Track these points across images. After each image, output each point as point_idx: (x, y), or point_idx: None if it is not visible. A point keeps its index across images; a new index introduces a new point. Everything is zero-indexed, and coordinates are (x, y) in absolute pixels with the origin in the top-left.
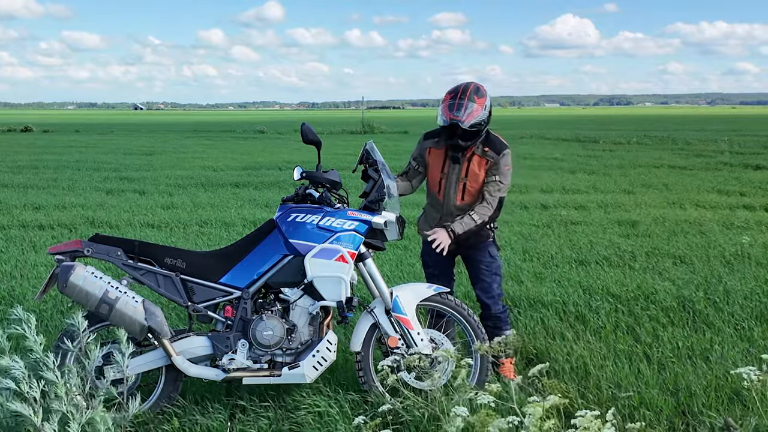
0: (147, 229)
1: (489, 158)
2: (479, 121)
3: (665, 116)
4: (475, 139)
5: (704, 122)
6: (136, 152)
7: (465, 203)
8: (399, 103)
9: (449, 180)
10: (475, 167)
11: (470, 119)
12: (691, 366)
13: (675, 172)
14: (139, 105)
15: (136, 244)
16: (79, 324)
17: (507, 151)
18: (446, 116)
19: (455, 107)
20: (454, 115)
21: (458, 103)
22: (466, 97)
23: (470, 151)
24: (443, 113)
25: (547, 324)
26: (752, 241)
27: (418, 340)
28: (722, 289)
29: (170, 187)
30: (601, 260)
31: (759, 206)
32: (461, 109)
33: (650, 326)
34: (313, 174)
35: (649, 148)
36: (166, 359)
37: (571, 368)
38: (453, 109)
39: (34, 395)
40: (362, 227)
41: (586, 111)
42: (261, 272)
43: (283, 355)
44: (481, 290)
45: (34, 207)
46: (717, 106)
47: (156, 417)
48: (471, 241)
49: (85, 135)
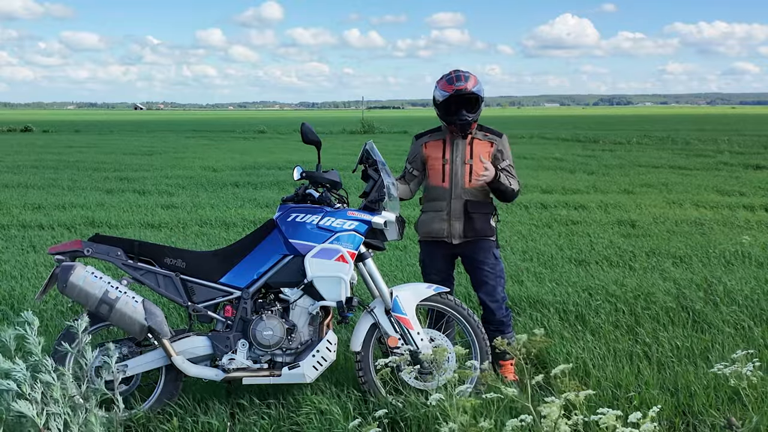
0: (147, 229)
1: (492, 140)
2: (480, 89)
3: (665, 116)
4: (477, 113)
5: (704, 122)
6: (136, 152)
7: (473, 186)
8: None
9: (455, 164)
10: (479, 148)
11: (474, 85)
12: (691, 366)
13: (675, 172)
14: (140, 105)
15: (136, 244)
16: (79, 325)
17: (505, 135)
18: (447, 90)
19: (455, 80)
20: (456, 86)
21: (456, 75)
22: (462, 72)
23: (469, 137)
24: (443, 89)
25: (547, 324)
26: (752, 241)
27: (418, 340)
28: (722, 289)
29: (170, 187)
30: (601, 260)
31: (759, 206)
32: (461, 80)
33: (650, 326)
34: (313, 174)
35: (649, 148)
36: (166, 359)
37: (571, 368)
38: (453, 82)
39: (36, 397)
40: (362, 227)
41: (586, 111)
42: (261, 272)
43: (283, 355)
44: (485, 294)
45: (34, 207)
46: (717, 106)
47: (156, 417)
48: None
49: (85, 135)
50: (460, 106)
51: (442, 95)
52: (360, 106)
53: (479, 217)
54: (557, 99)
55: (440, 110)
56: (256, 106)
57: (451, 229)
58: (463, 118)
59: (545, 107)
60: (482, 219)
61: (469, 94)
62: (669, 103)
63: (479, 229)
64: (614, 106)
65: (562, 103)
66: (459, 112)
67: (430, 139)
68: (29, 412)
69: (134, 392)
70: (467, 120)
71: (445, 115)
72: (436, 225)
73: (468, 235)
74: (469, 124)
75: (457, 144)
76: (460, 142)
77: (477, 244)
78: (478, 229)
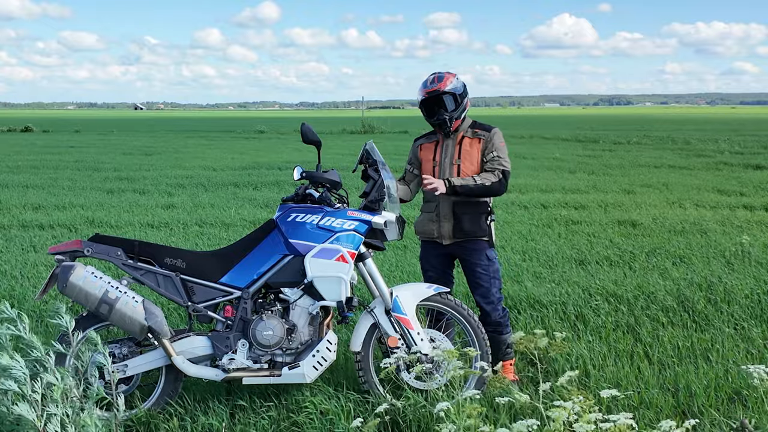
0: (147, 229)
1: (480, 136)
2: (456, 87)
3: (665, 116)
4: (459, 111)
5: (704, 122)
6: (136, 152)
7: None
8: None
9: (443, 165)
10: (468, 147)
11: (447, 85)
12: (691, 366)
13: (675, 171)
14: (140, 105)
15: (136, 244)
16: (68, 324)
17: (496, 129)
18: (422, 93)
19: (429, 82)
20: (429, 87)
21: (431, 78)
22: (437, 74)
23: (460, 135)
24: (420, 93)
25: (547, 324)
26: (752, 241)
27: (418, 340)
28: (722, 289)
29: (170, 187)
30: (601, 260)
31: (759, 206)
32: (434, 81)
33: (650, 326)
34: (313, 174)
35: (649, 148)
36: (166, 359)
37: (570, 368)
38: (428, 84)
39: (36, 397)
40: (362, 227)
41: (586, 111)
42: (261, 272)
43: (283, 355)
44: (480, 296)
45: (34, 207)
46: (717, 106)
47: (156, 416)
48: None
49: (85, 135)
50: (440, 106)
51: (420, 96)
52: (360, 106)
53: (469, 217)
54: (557, 99)
55: (423, 113)
56: (256, 106)
57: (441, 230)
58: (440, 117)
59: (545, 107)
60: (472, 220)
61: (443, 94)
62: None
63: (468, 230)
64: (614, 106)
65: (562, 103)
66: (438, 112)
67: (425, 141)
68: (29, 415)
69: (134, 392)
70: (443, 118)
71: (427, 117)
72: (428, 226)
73: (457, 235)
74: (447, 122)
75: (447, 145)
76: (450, 143)
77: (469, 245)
78: (468, 230)
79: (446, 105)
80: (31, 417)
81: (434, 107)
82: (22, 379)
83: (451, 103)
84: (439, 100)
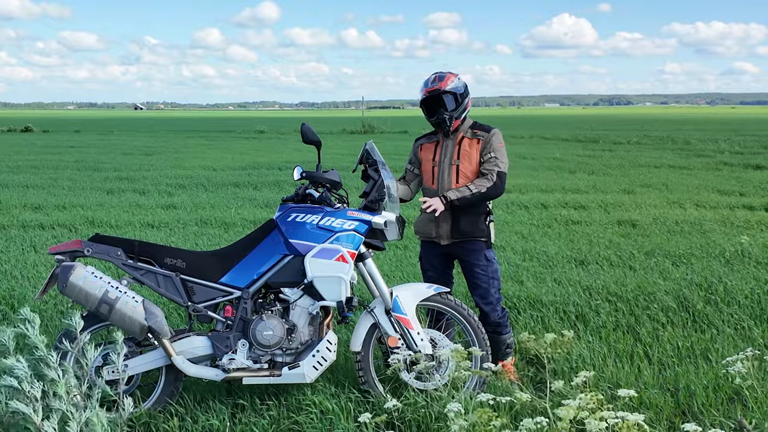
0: (147, 229)
1: (480, 137)
2: (457, 86)
3: (665, 116)
4: (459, 110)
5: (704, 122)
6: (136, 152)
7: (460, 187)
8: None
9: (442, 166)
10: (467, 147)
11: (448, 84)
12: (691, 366)
13: (675, 172)
14: (140, 105)
15: (136, 244)
16: (76, 324)
17: (496, 130)
18: (424, 92)
19: (430, 82)
20: (431, 86)
21: (432, 77)
22: (438, 74)
23: (459, 136)
24: (421, 92)
25: (547, 324)
26: (752, 241)
27: (418, 340)
28: (722, 289)
29: (170, 187)
30: (601, 260)
31: (759, 206)
32: (435, 81)
33: (650, 326)
34: (313, 174)
35: (649, 148)
36: (166, 359)
37: (570, 368)
38: (429, 83)
39: (35, 394)
40: (362, 227)
41: (586, 111)
42: (261, 272)
43: (283, 355)
44: (479, 297)
45: (34, 207)
46: (717, 106)
47: (156, 416)
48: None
49: (85, 135)
50: (440, 105)
51: (421, 96)
52: (360, 106)
53: (466, 218)
54: (557, 99)
55: (424, 113)
56: (256, 106)
57: (439, 230)
58: (440, 117)
59: (545, 107)
60: (470, 220)
61: (444, 93)
62: (669, 103)
63: (466, 230)
64: (614, 106)
65: (562, 103)
66: (438, 111)
67: (426, 141)
68: (25, 409)
69: (134, 392)
70: (443, 118)
71: (428, 116)
72: (427, 226)
73: (455, 236)
74: (447, 121)
75: (447, 145)
76: (449, 143)
77: (467, 246)
78: (465, 231)
79: (446, 104)
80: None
81: (435, 106)
82: (23, 376)
83: (451, 102)
84: (439, 100)
